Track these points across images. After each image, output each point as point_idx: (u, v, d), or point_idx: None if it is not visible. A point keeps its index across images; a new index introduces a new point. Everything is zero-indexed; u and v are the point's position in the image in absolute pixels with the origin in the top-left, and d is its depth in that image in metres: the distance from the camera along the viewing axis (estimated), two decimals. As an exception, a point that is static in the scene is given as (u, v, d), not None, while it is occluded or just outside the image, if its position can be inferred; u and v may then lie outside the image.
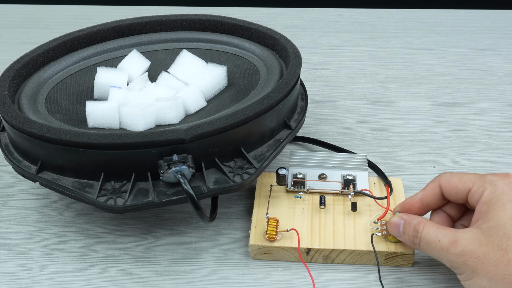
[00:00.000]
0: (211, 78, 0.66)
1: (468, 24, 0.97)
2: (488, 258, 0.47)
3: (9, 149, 0.59)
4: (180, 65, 0.68)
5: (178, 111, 0.61)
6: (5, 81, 0.62)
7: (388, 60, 0.88)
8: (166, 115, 0.61)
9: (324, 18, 1.00)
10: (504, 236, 0.48)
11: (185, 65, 0.68)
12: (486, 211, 0.49)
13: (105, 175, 0.55)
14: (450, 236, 0.49)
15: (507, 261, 0.47)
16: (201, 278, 0.57)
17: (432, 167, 0.69)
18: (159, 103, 0.61)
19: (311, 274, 0.55)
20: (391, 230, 0.55)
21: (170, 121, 0.61)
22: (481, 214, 0.50)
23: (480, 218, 0.50)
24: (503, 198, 0.49)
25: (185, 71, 0.67)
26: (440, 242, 0.50)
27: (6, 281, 0.57)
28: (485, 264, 0.47)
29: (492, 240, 0.48)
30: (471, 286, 0.49)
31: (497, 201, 0.49)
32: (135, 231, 0.61)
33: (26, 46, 0.74)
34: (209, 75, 0.66)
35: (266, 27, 0.70)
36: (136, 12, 0.96)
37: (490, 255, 0.47)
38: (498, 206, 0.49)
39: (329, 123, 0.76)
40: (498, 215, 0.48)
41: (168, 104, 0.61)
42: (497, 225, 0.48)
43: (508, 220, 0.48)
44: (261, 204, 0.61)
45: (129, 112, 0.60)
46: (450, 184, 0.53)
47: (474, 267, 0.48)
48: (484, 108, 0.78)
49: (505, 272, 0.47)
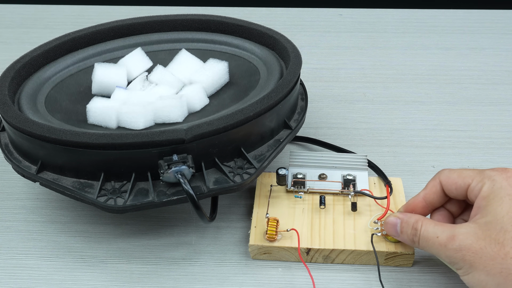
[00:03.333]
0: (213, 74, 0.66)
1: (468, 24, 0.97)
2: (485, 252, 0.48)
3: (9, 149, 0.59)
4: (178, 63, 0.68)
5: (182, 109, 0.61)
6: (5, 81, 0.62)
7: (388, 60, 0.88)
8: (171, 113, 0.61)
9: (324, 18, 1.00)
10: (501, 230, 0.48)
11: (183, 64, 0.68)
12: (484, 205, 0.50)
13: (105, 175, 0.55)
14: (448, 231, 0.50)
15: (504, 254, 0.47)
16: (201, 278, 0.57)
17: (432, 167, 0.69)
18: (164, 101, 0.61)
19: (311, 274, 0.55)
20: (388, 229, 0.55)
21: (174, 119, 0.61)
22: (479, 209, 0.50)
23: (478, 212, 0.50)
24: (501, 193, 0.49)
25: (183, 70, 0.67)
26: (438, 238, 0.50)
27: (6, 281, 0.57)
28: (483, 258, 0.48)
29: (490, 235, 0.48)
30: (469, 280, 0.49)
31: (495, 196, 0.49)
32: (135, 231, 0.61)
33: (26, 46, 0.74)
34: (210, 71, 0.66)
35: (266, 27, 0.70)
36: (136, 12, 0.96)
37: (488, 249, 0.48)
38: (496, 200, 0.49)
39: (329, 123, 0.76)
40: (495, 209, 0.49)
41: (173, 103, 0.61)
42: (495, 219, 0.48)
43: (505, 214, 0.48)
44: (261, 204, 0.61)
45: (129, 110, 0.60)
46: (450, 180, 0.53)
47: (472, 262, 0.48)
48: (484, 108, 0.78)
49: (502, 266, 0.47)
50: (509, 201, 0.49)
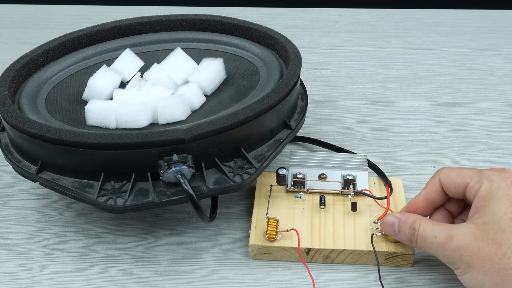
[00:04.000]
0: (210, 72, 0.66)
1: (468, 24, 0.97)
2: (483, 252, 0.48)
3: (9, 149, 0.59)
4: (172, 62, 0.68)
5: (184, 107, 0.61)
6: (5, 81, 0.62)
7: (388, 60, 0.88)
8: (174, 112, 0.61)
9: (324, 18, 1.00)
10: (499, 230, 0.48)
11: (177, 63, 0.68)
12: (482, 206, 0.50)
13: (105, 175, 0.55)
14: (446, 231, 0.50)
15: (501, 254, 0.47)
16: (201, 278, 0.57)
17: (432, 167, 0.69)
18: (165, 100, 0.61)
19: (311, 274, 0.56)
20: (386, 229, 0.55)
21: (178, 117, 0.61)
22: (477, 209, 0.50)
23: (476, 213, 0.50)
24: (499, 193, 0.49)
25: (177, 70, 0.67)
26: (436, 238, 0.50)
27: (6, 281, 0.57)
28: (480, 258, 0.48)
29: (487, 235, 0.48)
30: (467, 280, 0.49)
31: (493, 196, 0.50)
32: (135, 231, 0.61)
33: (26, 46, 0.74)
34: (207, 69, 0.66)
35: (266, 27, 0.70)
36: (136, 12, 0.96)
37: (485, 249, 0.48)
38: (494, 201, 0.49)
39: (329, 123, 0.76)
40: (493, 210, 0.49)
41: (175, 101, 0.61)
42: (492, 219, 0.49)
43: (503, 214, 0.48)
44: (261, 204, 0.61)
45: (128, 109, 0.60)
46: (449, 178, 0.54)
47: (469, 262, 0.48)
48: (484, 108, 0.78)
49: (499, 266, 0.47)
50: (507, 201, 0.49)
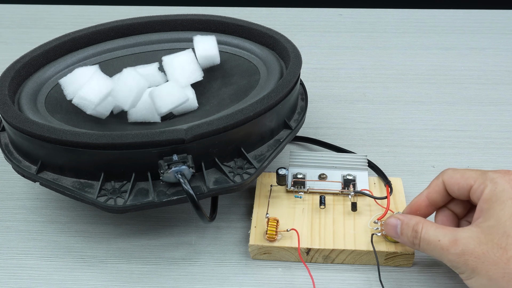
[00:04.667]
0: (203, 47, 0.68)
1: (468, 24, 0.97)
2: (488, 257, 0.47)
3: (9, 149, 0.59)
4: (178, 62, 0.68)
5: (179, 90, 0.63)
6: (5, 81, 0.62)
7: (388, 60, 0.88)
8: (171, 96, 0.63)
9: (324, 18, 1.00)
10: (504, 234, 0.48)
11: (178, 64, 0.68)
12: (487, 209, 0.49)
13: (105, 175, 0.55)
14: (450, 235, 0.49)
15: (506, 259, 0.47)
16: (201, 278, 0.57)
17: (432, 167, 0.69)
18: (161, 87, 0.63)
19: (311, 274, 0.55)
20: (388, 231, 0.55)
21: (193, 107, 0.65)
22: (481, 212, 0.50)
23: (481, 216, 0.50)
24: (503, 196, 0.49)
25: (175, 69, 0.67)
26: (440, 241, 0.50)
27: (6, 281, 0.57)
28: (485, 263, 0.47)
29: (492, 239, 0.48)
30: (472, 285, 0.49)
31: (497, 199, 0.49)
32: (135, 231, 0.61)
33: (26, 46, 0.74)
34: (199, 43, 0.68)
35: (266, 27, 0.70)
36: (136, 12, 0.96)
37: (490, 254, 0.47)
38: (498, 204, 0.49)
39: (329, 123, 0.76)
40: (498, 213, 0.48)
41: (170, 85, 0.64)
42: (497, 223, 0.48)
43: (507, 218, 0.48)
44: (261, 204, 0.61)
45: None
46: (453, 180, 0.53)
47: (474, 266, 0.48)
48: (484, 108, 0.78)
49: (505, 271, 0.47)
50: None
